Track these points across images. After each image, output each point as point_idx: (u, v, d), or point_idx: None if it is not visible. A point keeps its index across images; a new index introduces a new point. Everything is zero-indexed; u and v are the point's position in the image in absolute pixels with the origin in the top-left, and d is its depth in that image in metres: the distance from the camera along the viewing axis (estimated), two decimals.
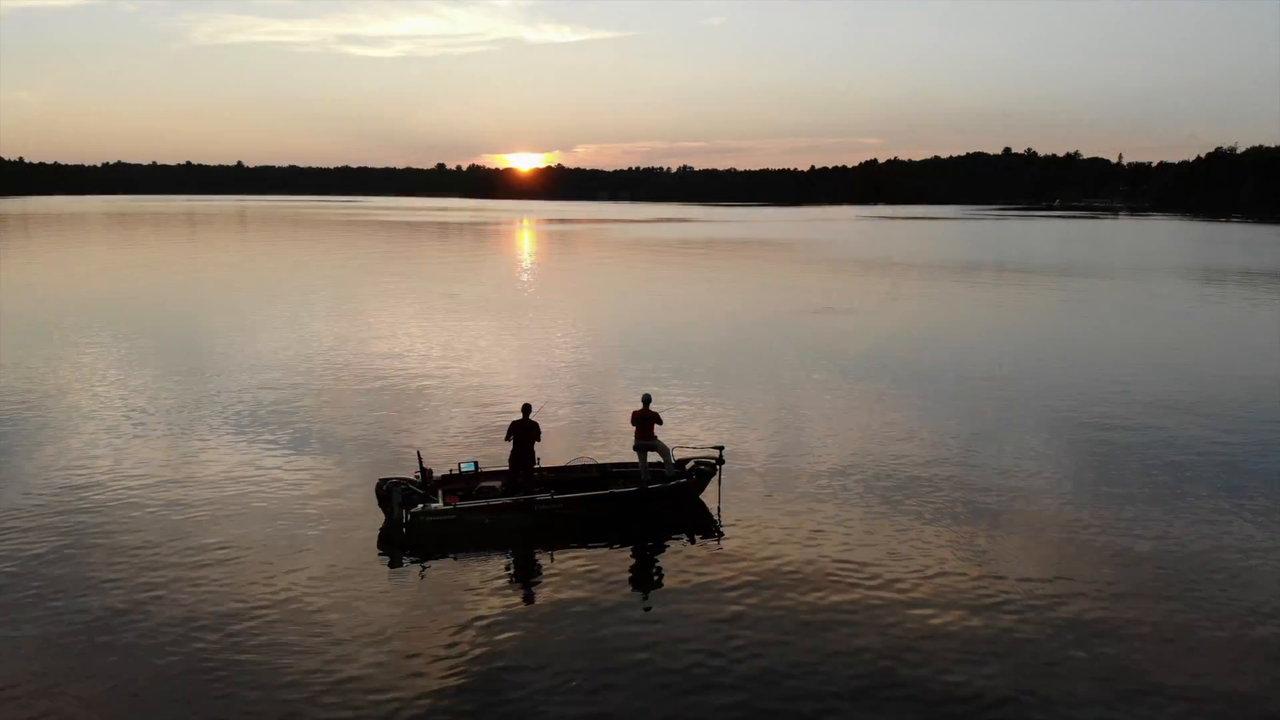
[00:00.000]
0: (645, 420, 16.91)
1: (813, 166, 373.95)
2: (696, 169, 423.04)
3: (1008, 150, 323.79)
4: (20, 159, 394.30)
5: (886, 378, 28.01)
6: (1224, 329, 40.38)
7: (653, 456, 17.11)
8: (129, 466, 18.86)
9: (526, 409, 16.90)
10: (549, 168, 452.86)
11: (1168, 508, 16.78)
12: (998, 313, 45.93)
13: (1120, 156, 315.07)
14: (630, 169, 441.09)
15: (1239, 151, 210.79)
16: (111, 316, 39.83)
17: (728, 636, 11.97)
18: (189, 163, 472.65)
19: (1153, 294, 52.82)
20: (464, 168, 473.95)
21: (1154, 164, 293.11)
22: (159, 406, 23.83)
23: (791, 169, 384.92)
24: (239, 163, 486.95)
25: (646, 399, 17.26)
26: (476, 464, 17.09)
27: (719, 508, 16.70)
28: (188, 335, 35.63)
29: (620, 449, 19.19)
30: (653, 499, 16.48)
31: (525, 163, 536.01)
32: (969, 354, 32.30)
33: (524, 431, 16.58)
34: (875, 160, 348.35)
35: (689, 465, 17.29)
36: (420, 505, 15.52)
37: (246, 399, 24.63)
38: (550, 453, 18.67)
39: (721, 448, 17.39)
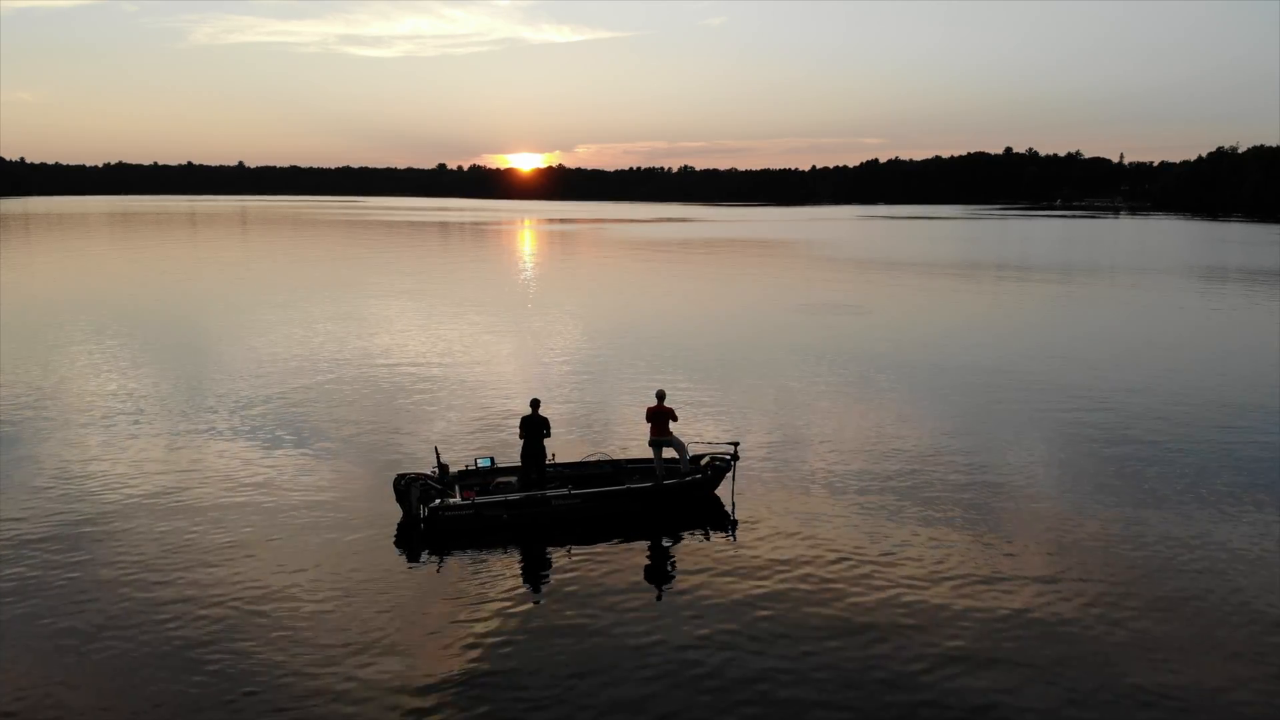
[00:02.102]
0: (660, 416, 16.95)
1: (813, 166, 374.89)
2: (697, 169, 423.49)
3: (1008, 150, 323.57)
4: (21, 159, 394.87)
5: (895, 375, 28.08)
6: (1224, 328, 40.41)
7: (668, 452, 17.16)
8: (141, 464, 18.93)
9: (535, 404, 16.96)
10: (549, 168, 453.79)
11: (1170, 506, 16.84)
12: (1000, 312, 45.98)
13: (1121, 156, 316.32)
14: (630, 169, 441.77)
15: (1240, 151, 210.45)
16: (116, 317, 39.89)
17: (742, 632, 12.01)
18: (189, 163, 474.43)
19: (1154, 293, 52.86)
20: (464, 168, 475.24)
21: (1155, 163, 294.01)
22: (168, 406, 23.89)
23: (792, 169, 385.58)
24: (240, 163, 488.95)
25: (661, 395, 17.29)
26: (493, 459, 17.18)
27: (733, 504, 16.78)
28: (195, 335, 35.71)
29: (633, 444, 19.27)
30: (668, 495, 16.54)
31: (526, 163, 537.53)
32: (974, 352, 32.37)
33: (533, 427, 16.65)
34: (875, 160, 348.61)
35: (704, 461, 17.35)
36: (438, 501, 15.59)
37: (259, 397, 24.70)
38: (565, 449, 18.74)
39: (736, 444, 17.45)
